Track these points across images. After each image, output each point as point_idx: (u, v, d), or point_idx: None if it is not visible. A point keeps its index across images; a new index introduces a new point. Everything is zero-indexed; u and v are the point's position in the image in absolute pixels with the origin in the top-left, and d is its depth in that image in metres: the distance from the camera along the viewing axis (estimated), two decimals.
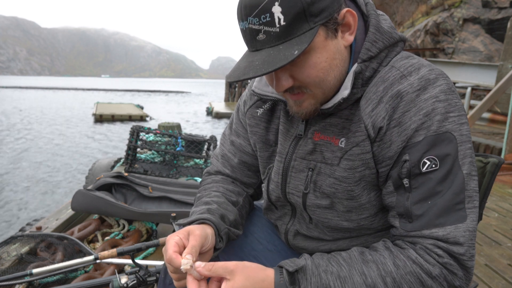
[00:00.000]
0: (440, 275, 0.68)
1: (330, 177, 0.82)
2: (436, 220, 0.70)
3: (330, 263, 0.73)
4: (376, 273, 0.69)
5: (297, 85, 0.75)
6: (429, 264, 0.69)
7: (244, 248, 1.03)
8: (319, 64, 0.72)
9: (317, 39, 0.70)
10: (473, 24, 12.10)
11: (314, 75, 0.73)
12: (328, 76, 0.74)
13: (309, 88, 0.75)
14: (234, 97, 24.97)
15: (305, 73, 0.73)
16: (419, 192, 0.72)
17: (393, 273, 0.69)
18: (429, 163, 0.70)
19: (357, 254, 0.74)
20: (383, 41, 0.77)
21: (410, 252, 0.71)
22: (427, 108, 0.71)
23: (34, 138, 12.57)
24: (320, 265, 0.73)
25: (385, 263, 0.70)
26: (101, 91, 52.46)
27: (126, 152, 3.31)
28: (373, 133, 0.75)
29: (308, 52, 0.71)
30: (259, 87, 0.92)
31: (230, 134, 1.07)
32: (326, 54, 0.73)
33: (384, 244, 0.76)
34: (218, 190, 0.99)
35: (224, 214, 0.90)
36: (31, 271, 1.53)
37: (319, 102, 0.78)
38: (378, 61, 0.77)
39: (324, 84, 0.75)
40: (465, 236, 0.69)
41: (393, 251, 0.72)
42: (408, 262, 0.69)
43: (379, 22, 0.79)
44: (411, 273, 0.69)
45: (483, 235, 2.61)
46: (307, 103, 0.78)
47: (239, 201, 1.00)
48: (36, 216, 5.23)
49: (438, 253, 0.69)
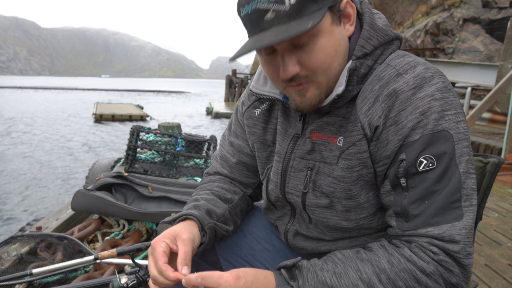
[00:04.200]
0: (435, 272, 0.68)
1: (329, 177, 0.82)
2: (432, 219, 0.70)
3: (325, 262, 0.74)
4: (371, 270, 0.70)
5: (303, 73, 0.74)
6: (423, 261, 0.69)
7: (243, 248, 1.04)
8: (326, 48, 0.72)
9: (325, 23, 0.71)
10: (473, 24, 12.10)
11: (322, 60, 0.72)
12: (334, 62, 0.74)
13: (316, 75, 0.74)
14: (234, 97, 24.96)
15: (313, 57, 0.72)
16: (416, 191, 0.71)
17: (387, 270, 0.69)
18: (425, 162, 0.70)
19: (352, 253, 0.74)
20: (378, 38, 0.78)
21: (404, 250, 0.71)
22: (423, 106, 0.70)
23: (34, 138, 12.57)
24: (315, 264, 0.73)
25: (379, 261, 0.71)
26: (101, 91, 52.42)
27: (126, 152, 3.31)
28: (370, 132, 0.75)
29: (316, 35, 0.71)
30: (256, 86, 0.91)
31: (229, 135, 1.07)
32: (333, 39, 0.73)
33: (380, 243, 0.76)
34: (211, 189, 1.00)
35: (210, 209, 0.91)
36: (31, 271, 1.53)
37: (323, 93, 0.77)
38: (373, 58, 0.77)
39: (329, 72, 0.75)
40: (461, 234, 0.68)
41: (387, 249, 0.73)
42: (402, 260, 0.70)
43: (373, 20, 0.79)
44: (405, 270, 0.69)
45: (483, 235, 2.61)
46: (310, 93, 0.76)
47: (234, 199, 1.00)
48: (36, 216, 5.24)
49: (433, 250, 0.69)
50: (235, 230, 1.02)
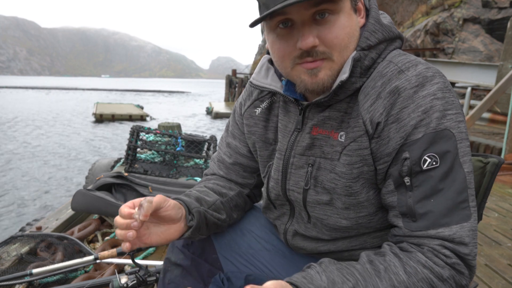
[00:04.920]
0: (450, 277, 0.67)
1: (332, 172, 0.82)
2: (442, 219, 0.69)
3: (346, 278, 0.68)
4: (389, 283, 0.67)
5: (321, 49, 0.73)
6: (439, 267, 0.67)
7: (242, 246, 1.04)
8: (347, 27, 0.74)
9: (346, 4, 0.74)
10: (473, 24, 12.10)
11: (342, 37, 0.74)
12: (350, 44, 0.76)
13: (333, 52, 0.74)
14: (234, 97, 24.95)
15: (334, 32, 0.73)
16: (421, 190, 0.71)
17: (406, 282, 0.67)
18: (429, 161, 0.70)
19: (368, 266, 0.70)
20: (383, 32, 0.79)
21: (418, 256, 0.69)
22: (425, 105, 0.70)
23: (34, 138, 12.57)
24: (336, 283, 0.67)
25: (397, 272, 0.68)
26: (101, 91, 52.41)
27: (126, 152, 3.31)
28: (371, 128, 0.75)
29: (338, 12, 0.73)
30: (257, 78, 0.91)
31: (226, 136, 1.08)
32: (351, 22, 0.76)
33: (391, 249, 0.73)
34: (205, 184, 1.01)
35: (200, 197, 0.92)
36: (31, 271, 1.54)
37: (335, 75, 0.76)
38: (377, 52, 0.78)
39: (345, 52, 0.76)
40: (470, 236, 0.69)
41: (401, 257, 0.70)
42: (419, 268, 0.68)
43: (379, 16, 0.81)
44: (423, 280, 0.67)
45: (483, 235, 2.61)
46: (323, 73, 0.75)
47: (228, 193, 1.00)
48: (36, 216, 5.23)
49: (446, 253, 0.68)
50: (230, 223, 1.03)
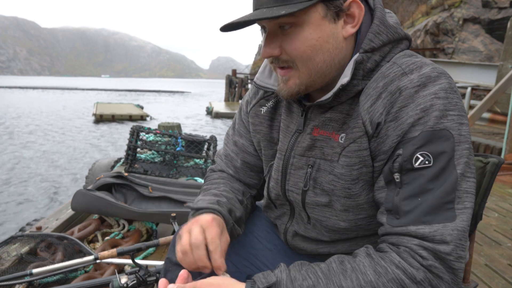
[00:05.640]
0: (424, 280, 0.64)
1: (330, 174, 0.81)
2: (423, 217, 0.67)
3: (308, 276, 0.68)
4: (355, 283, 0.65)
5: (284, 57, 0.77)
6: (413, 268, 0.64)
7: (243, 247, 1.03)
8: (309, 40, 0.74)
9: (314, 15, 0.73)
10: (473, 24, 12.10)
11: (302, 50, 0.74)
12: (315, 56, 0.75)
13: (295, 62, 0.76)
14: (234, 97, 24.95)
15: (293, 45, 0.74)
16: (409, 188, 0.70)
17: (373, 282, 0.65)
18: (422, 159, 0.68)
19: (336, 264, 0.70)
20: (387, 34, 0.77)
21: (392, 256, 0.67)
22: (425, 103, 0.69)
23: (34, 137, 12.56)
24: (296, 279, 0.68)
25: (365, 272, 0.66)
26: (101, 91, 52.39)
27: (126, 152, 3.31)
28: (371, 129, 0.74)
29: (301, 25, 0.73)
30: (261, 78, 0.92)
31: (233, 134, 1.07)
32: (319, 34, 0.74)
33: (366, 250, 0.71)
34: (226, 186, 0.99)
35: (232, 209, 0.91)
36: (31, 271, 1.54)
37: (304, 84, 0.78)
38: (381, 54, 0.77)
39: (310, 64, 0.76)
40: (453, 235, 0.65)
41: (374, 257, 0.68)
42: (390, 268, 0.65)
43: (384, 16, 0.79)
44: (393, 280, 0.64)
45: (483, 235, 2.61)
46: (292, 81, 0.78)
47: (244, 200, 1.00)
48: (36, 216, 5.23)
49: (423, 254, 0.65)
50: None
